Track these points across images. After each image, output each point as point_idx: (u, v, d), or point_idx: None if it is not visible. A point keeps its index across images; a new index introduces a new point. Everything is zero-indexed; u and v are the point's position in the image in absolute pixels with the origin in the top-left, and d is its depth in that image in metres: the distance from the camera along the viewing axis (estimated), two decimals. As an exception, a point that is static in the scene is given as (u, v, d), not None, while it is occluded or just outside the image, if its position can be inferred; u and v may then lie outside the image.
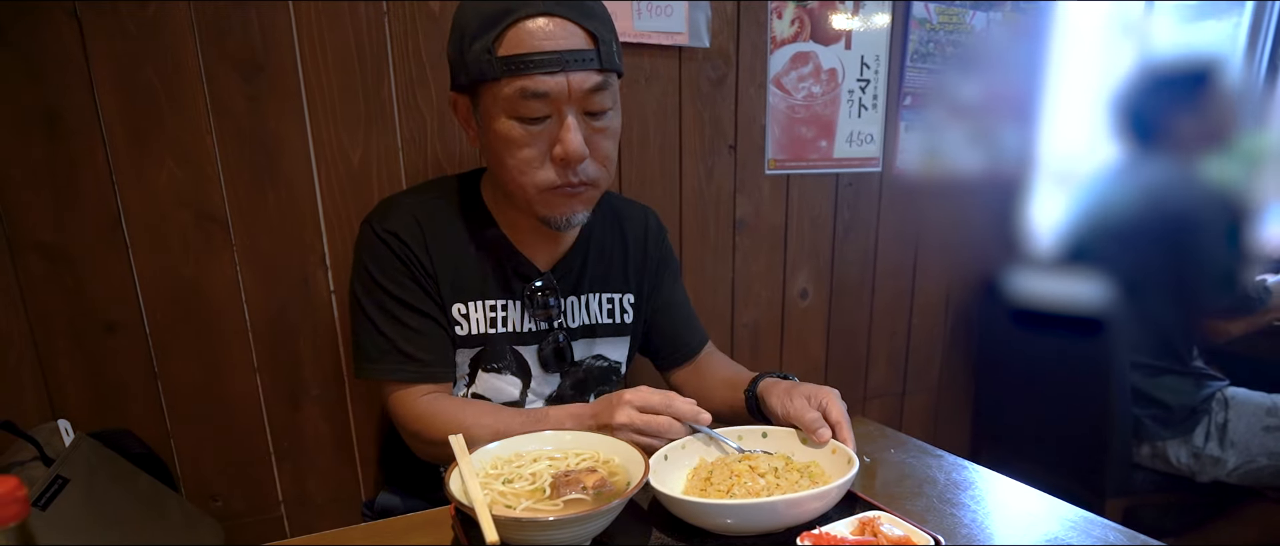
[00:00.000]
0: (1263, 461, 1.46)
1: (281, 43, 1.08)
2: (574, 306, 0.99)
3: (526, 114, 0.78)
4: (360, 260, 0.92)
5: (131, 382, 1.10)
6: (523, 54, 0.75)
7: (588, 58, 0.77)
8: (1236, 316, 1.52)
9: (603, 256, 1.02)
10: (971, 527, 0.73)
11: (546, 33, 0.75)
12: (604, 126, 0.83)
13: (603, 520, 0.64)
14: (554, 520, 0.61)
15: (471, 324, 0.93)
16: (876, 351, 1.81)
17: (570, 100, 0.78)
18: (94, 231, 1.04)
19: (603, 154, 0.84)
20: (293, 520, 1.26)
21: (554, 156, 0.81)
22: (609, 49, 0.79)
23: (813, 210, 1.62)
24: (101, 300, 1.06)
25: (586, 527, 0.63)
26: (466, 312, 0.93)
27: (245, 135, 1.09)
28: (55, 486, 0.87)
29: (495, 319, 0.94)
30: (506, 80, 0.77)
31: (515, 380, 0.96)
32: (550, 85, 0.76)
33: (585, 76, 0.77)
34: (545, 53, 0.75)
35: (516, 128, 0.79)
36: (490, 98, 0.80)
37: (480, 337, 0.94)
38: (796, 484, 0.70)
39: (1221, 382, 1.55)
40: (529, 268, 0.95)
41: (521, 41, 0.75)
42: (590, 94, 0.79)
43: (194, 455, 1.16)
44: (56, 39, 0.97)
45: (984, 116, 1.78)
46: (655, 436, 0.76)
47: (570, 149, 0.79)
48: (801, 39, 1.48)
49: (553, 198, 0.84)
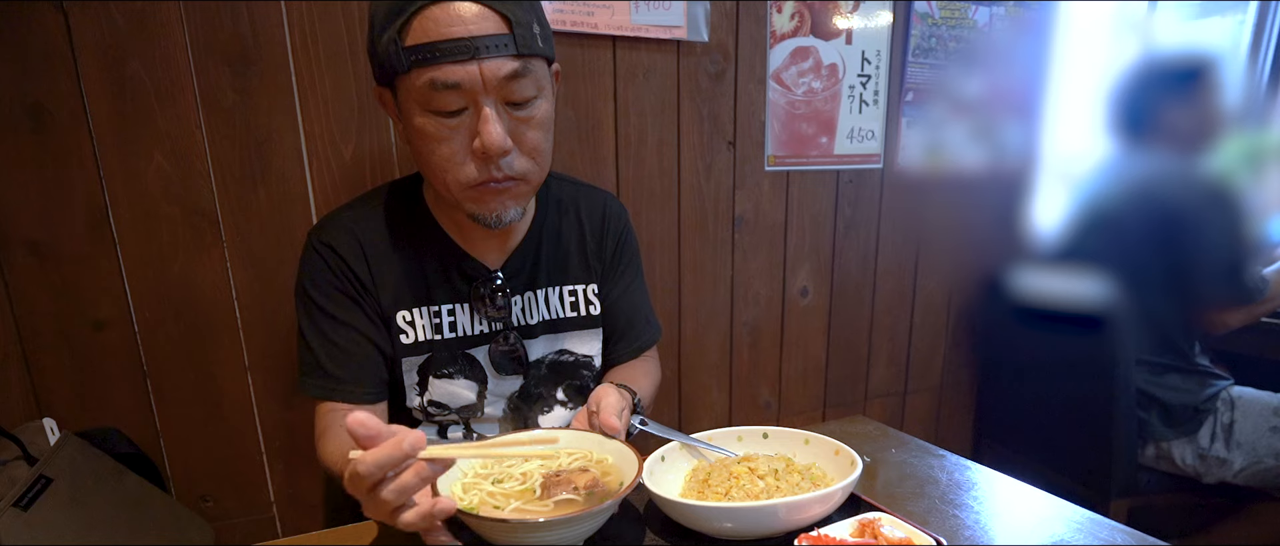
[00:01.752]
0: (1269, 462, 1.44)
1: (273, 36, 1.07)
2: (531, 302, 0.95)
3: (440, 107, 0.74)
4: (298, 272, 0.89)
5: (120, 381, 1.09)
6: (429, 42, 0.71)
7: (501, 43, 0.72)
8: (1235, 308, 1.51)
9: (558, 247, 0.97)
10: (974, 529, 0.71)
11: (453, 18, 0.70)
12: (529, 116, 0.78)
13: (594, 521, 0.62)
14: (544, 521, 0.59)
15: (417, 331, 0.89)
16: (878, 350, 1.79)
17: (485, 90, 0.73)
18: (82, 228, 1.02)
19: (530, 145, 0.79)
20: (284, 520, 1.24)
21: (474, 151, 0.76)
22: (526, 32, 0.74)
23: (813, 207, 1.60)
24: (89, 297, 1.04)
25: (577, 529, 0.61)
26: (412, 319, 0.89)
27: (236, 130, 1.07)
28: (37, 486, 0.85)
29: (441, 324, 0.90)
30: (416, 72, 0.72)
31: (470, 384, 0.93)
32: (461, 75, 0.71)
33: (500, 63, 0.72)
34: (452, 40, 0.70)
35: (432, 122, 0.75)
36: (404, 91, 0.75)
37: (427, 345, 0.90)
38: (798, 486, 0.68)
39: (1226, 381, 1.54)
40: (476, 267, 0.90)
41: (427, 30, 0.71)
42: (508, 82, 0.73)
43: (184, 454, 1.15)
44: (42, 31, 0.95)
45: (986, 113, 1.76)
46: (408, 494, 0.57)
47: (488, 142, 0.74)
48: (802, 33, 1.46)
49: (479, 194, 0.79)
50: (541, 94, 0.78)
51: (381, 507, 0.56)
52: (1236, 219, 1.46)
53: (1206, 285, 1.49)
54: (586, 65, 1.29)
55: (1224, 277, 1.47)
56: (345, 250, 0.86)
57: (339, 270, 0.86)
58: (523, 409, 0.96)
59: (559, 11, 1.21)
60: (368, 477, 0.55)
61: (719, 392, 1.60)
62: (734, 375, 1.60)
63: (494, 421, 0.95)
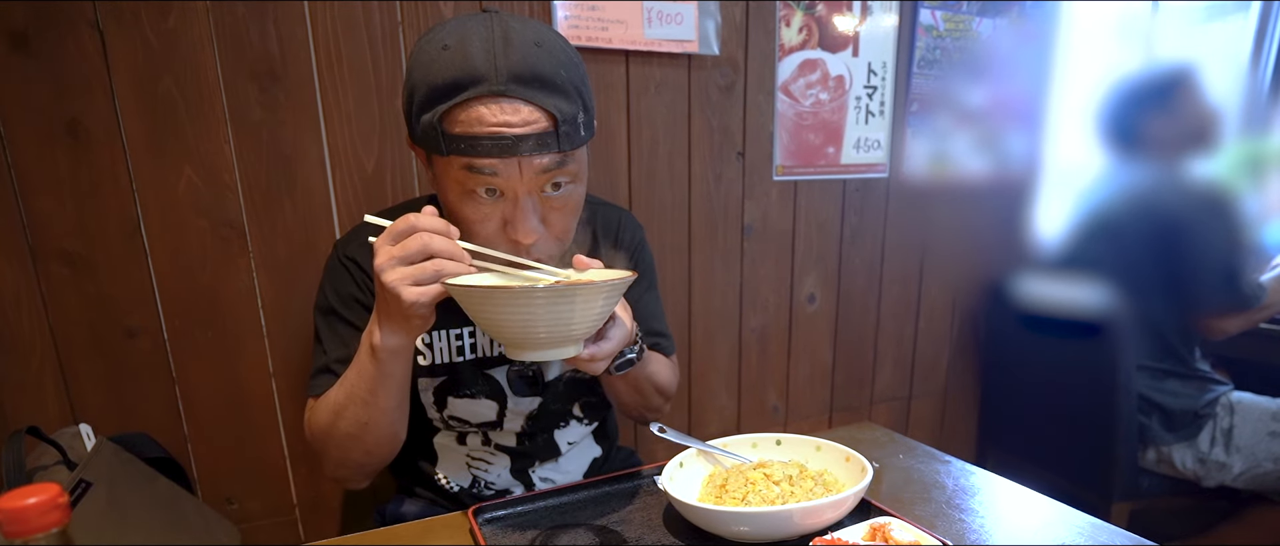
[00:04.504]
0: (1268, 466, 1.46)
1: (298, 54, 1.10)
2: None
3: (475, 188, 0.74)
4: (321, 283, 0.91)
5: (150, 387, 1.12)
6: (473, 136, 0.69)
7: (546, 141, 0.70)
8: (1232, 314, 1.53)
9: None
10: (980, 533, 0.74)
11: (500, 116, 0.69)
12: (563, 202, 0.77)
13: (591, 302, 0.62)
14: (543, 289, 0.60)
15: (435, 353, 0.90)
16: (883, 355, 1.82)
17: (523, 182, 0.72)
18: (115, 239, 1.06)
19: (559, 230, 0.79)
20: (306, 524, 1.28)
21: (506, 235, 0.76)
22: (572, 127, 0.72)
23: (820, 215, 1.63)
24: (122, 306, 1.08)
25: (574, 306, 0.61)
26: (429, 341, 0.90)
27: (262, 144, 1.11)
28: (79, 490, 0.88)
29: (462, 346, 0.91)
30: (455, 158, 0.71)
31: (490, 403, 0.94)
32: (500, 168, 0.71)
33: (541, 160, 0.72)
34: (497, 138, 0.69)
35: (468, 203, 0.75)
36: (441, 168, 0.75)
37: (445, 367, 0.91)
38: (811, 492, 0.71)
39: (1225, 387, 1.56)
40: None
41: (471, 122, 0.69)
42: (546, 173, 0.73)
43: (210, 458, 1.18)
44: (80, 51, 0.99)
45: (990, 122, 1.79)
46: (425, 269, 0.66)
47: (520, 235, 0.74)
48: (809, 46, 1.50)
49: None
50: (576, 180, 0.77)
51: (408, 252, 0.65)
52: (1232, 225, 1.49)
53: (1203, 291, 1.52)
54: (600, 79, 1.32)
55: (1220, 284, 1.50)
56: (369, 265, 0.87)
57: (362, 283, 0.88)
58: (541, 425, 0.98)
59: (574, 27, 1.25)
60: (429, 227, 0.66)
61: (728, 397, 1.63)
62: (743, 380, 1.64)
63: (511, 435, 0.97)
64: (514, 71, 0.69)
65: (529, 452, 0.98)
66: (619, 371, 0.81)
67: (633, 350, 0.81)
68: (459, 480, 0.98)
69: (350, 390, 0.78)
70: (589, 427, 1.03)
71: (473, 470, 0.98)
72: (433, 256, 0.66)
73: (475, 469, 0.98)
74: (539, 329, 0.62)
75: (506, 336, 0.64)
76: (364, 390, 0.77)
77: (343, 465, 0.85)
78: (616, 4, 1.27)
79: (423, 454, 1.00)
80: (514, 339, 0.64)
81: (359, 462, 0.85)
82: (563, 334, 0.63)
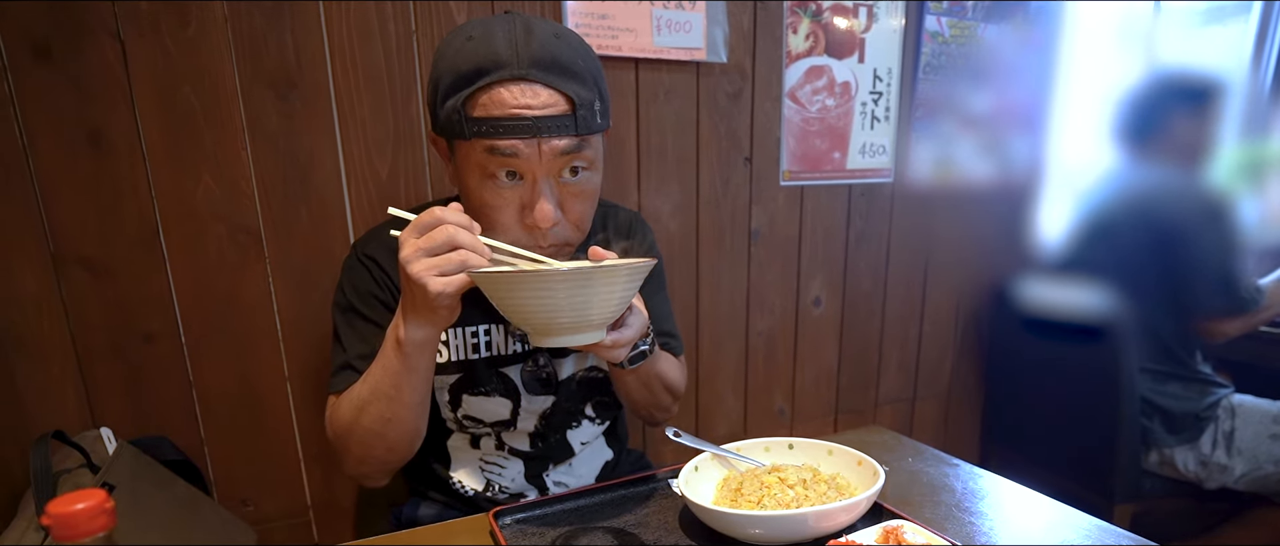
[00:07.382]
0: (1269, 468, 1.48)
1: (314, 62, 1.12)
2: None
3: (496, 172, 0.77)
4: (340, 282, 0.93)
5: (167, 390, 1.13)
6: (493, 118, 0.73)
7: (564, 124, 0.74)
8: (1230, 318, 1.55)
9: None
10: (987, 535, 0.76)
11: (520, 98, 0.73)
12: (580, 189, 0.81)
13: (614, 284, 0.64)
14: (565, 271, 0.62)
15: (451, 350, 0.92)
16: (888, 358, 1.84)
17: (542, 165, 0.76)
18: (134, 245, 1.07)
19: (576, 215, 0.82)
20: (321, 525, 1.29)
21: (524, 220, 0.79)
22: (589, 112, 0.76)
23: (826, 220, 1.65)
24: (140, 311, 1.09)
25: (597, 288, 0.63)
26: (445, 339, 0.92)
27: (279, 151, 1.12)
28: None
29: (478, 344, 0.93)
30: (477, 141, 0.75)
31: (504, 401, 0.96)
32: (520, 150, 0.74)
33: (559, 142, 0.75)
34: (518, 119, 0.73)
35: (488, 188, 0.78)
36: (462, 152, 0.78)
37: (460, 364, 0.93)
38: (825, 495, 0.73)
39: (1227, 389, 1.58)
40: None
41: (493, 105, 0.73)
42: (564, 157, 0.76)
43: (226, 461, 1.20)
44: (100, 60, 1.00)
45: (994, 127, 1.80)
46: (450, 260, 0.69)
47: (539, 218, 0.77)
48: (816, 53, 1.51)
49: None
50: (593, 166, 0.81)
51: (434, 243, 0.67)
52: (1231, 230, 1.50)
53: (1202, 295, 1.53)
54: (610, 85, 1.33)
55: (1219, 288, 1.51)
56: (388, 264, 0.90)
57: (382, 282, 0.90)
58: (553, 424, 0.99)
59: (584, 34, 1.25)
60: (454, 220, 0.67)
61: (734, 400, 1.65)
62: (749, 383, 1.65)
63: (525, 435, 0.99)
64: (535, 57, 0.73)
65: (542, 455, 1.00)
66: (632, 364, 0.83)
67: (645, 341, 0.83)
68: (473, 483, 1.00)
69: (374, 386, 0.80)
70: (601, 428, 1.05)
71: (486, 473, 1.00)
72: (458, 247, 0.68)
73: (489, 472, 1.00)
74: (562, 312, 0.64)
75: (531, 322, 0.66)
76: (388, 385, 0.79)
77: (364, 461, 0.87)
78: (626, 12, 1.29)
79: (436, 457, 1.01)
80: (539, 325, 0.66)
81: (381, 459, 0.86)
82: (584, 318, 0.66)
